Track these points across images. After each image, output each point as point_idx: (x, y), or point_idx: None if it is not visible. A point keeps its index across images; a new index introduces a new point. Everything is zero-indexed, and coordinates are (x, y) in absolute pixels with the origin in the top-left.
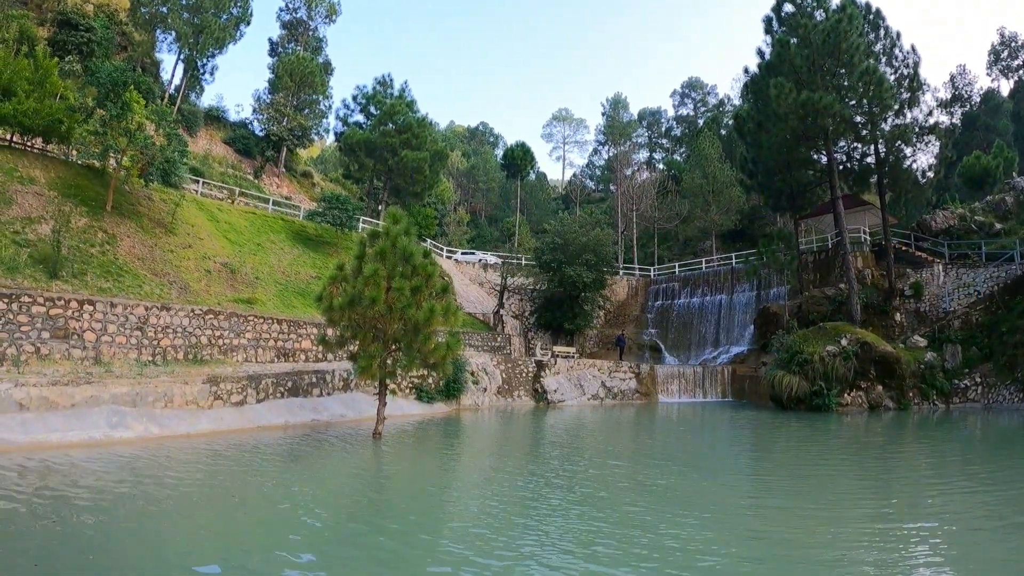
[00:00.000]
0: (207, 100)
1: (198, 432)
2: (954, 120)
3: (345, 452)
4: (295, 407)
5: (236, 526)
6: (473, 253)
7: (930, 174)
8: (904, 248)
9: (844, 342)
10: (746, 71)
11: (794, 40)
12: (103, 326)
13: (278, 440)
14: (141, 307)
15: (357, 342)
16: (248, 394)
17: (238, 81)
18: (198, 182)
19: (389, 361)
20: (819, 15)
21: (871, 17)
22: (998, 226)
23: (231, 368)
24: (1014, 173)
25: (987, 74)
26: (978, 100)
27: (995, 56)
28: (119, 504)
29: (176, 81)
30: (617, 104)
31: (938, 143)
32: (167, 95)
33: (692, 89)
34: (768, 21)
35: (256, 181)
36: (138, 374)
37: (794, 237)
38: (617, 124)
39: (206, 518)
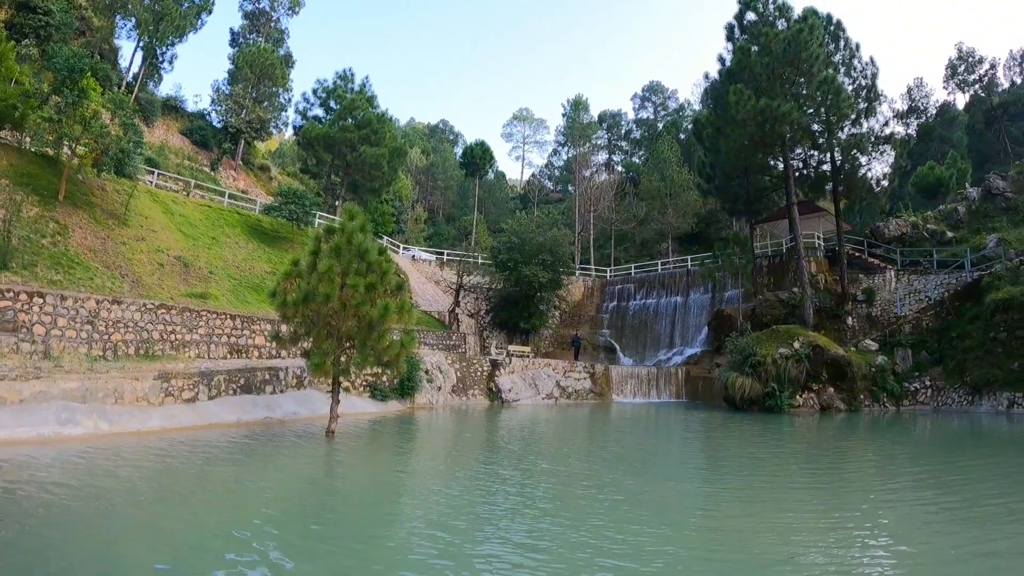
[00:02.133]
0: (165, 89)
1: (149, 429)
2: (910, 131)
3: (297, 451)
4: (248, 404)
5: (186, 527)
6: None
7: (884, 183)
8: (857, 254)
9: (797, 345)
10: (706, 77)
11: (755, 48)
12: (53, 319)
13: (230, 438)
14: (92, 300)
15: (311, 339)
16: (200, 391)
17: (198, 71)
18: (153, 173)
19: (343, 358)
20: (781, 24)
21: (832, 28)
22: (950, 235)
23: (183, 364)
24: (967, 184)
25: (944, 87)
26: (934, 112)
27: (952, 70)
28: (68, 504)
29: (134, 69)
30: (578, 105)
31: (893, 153)
32: (124, 83)
33: (653, 93)
34: (730, 28)
35: (212, 174)
36: (88, 369)
37: (749, 241)
38: (577, 125)
39: (156, 518)
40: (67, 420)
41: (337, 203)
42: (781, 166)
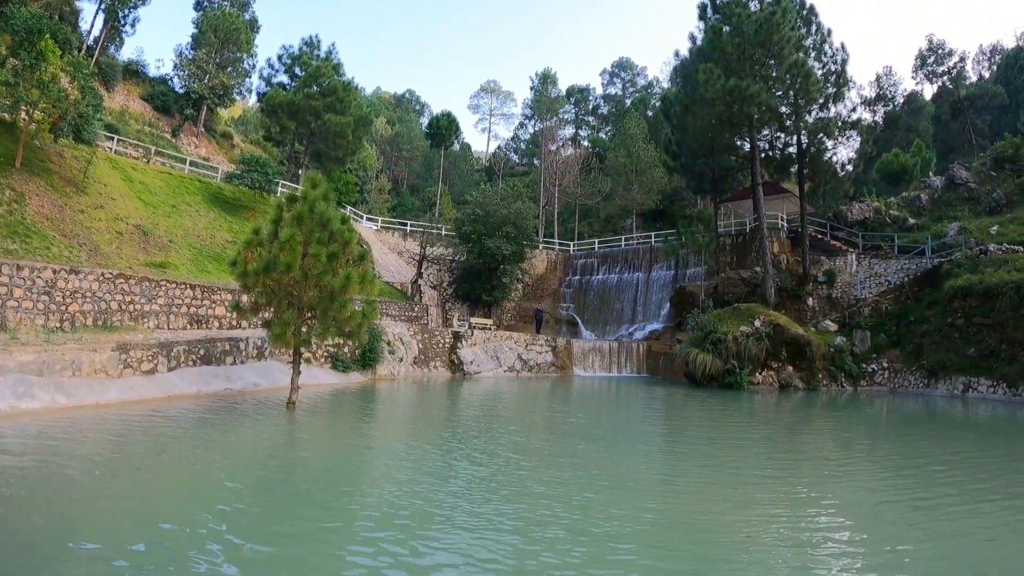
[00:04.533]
0: (127, 53)
1: (107, 402)
2: (877, 118)
3: (258, 424)
4: (208, 376)
5: (144, 502)
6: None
7: (849, 167)
8: (820, 236)
9: (757, 323)
10: (676, 55)
11: (727, 28)
12: (9, 290)
13: (190, 410)
14: (49, 270)
15: (272, 309)
16: (159, 362)
17: (161, 35)
18: (112, 139)
19: (304, 329)
20: (754, 5)
21: (804, 12)
22: (912, 221)
23: (142, 335)
24: (931, 172)
25: (912, 77)
26: (901, 101)
27: (922, 61)
28: (24, 479)
29: (95, 32)
30: (546, 79)
31: (859, 138)
32: (85, 46)
33: (622, 69)
34: (703, 7)
35: (174, 140)
36: (45, 341)
37: (714, 220)
38: (545, 99)
39: (114, 493)
40: (23, 394)
41: (300, 172)
42: (748, 147)
